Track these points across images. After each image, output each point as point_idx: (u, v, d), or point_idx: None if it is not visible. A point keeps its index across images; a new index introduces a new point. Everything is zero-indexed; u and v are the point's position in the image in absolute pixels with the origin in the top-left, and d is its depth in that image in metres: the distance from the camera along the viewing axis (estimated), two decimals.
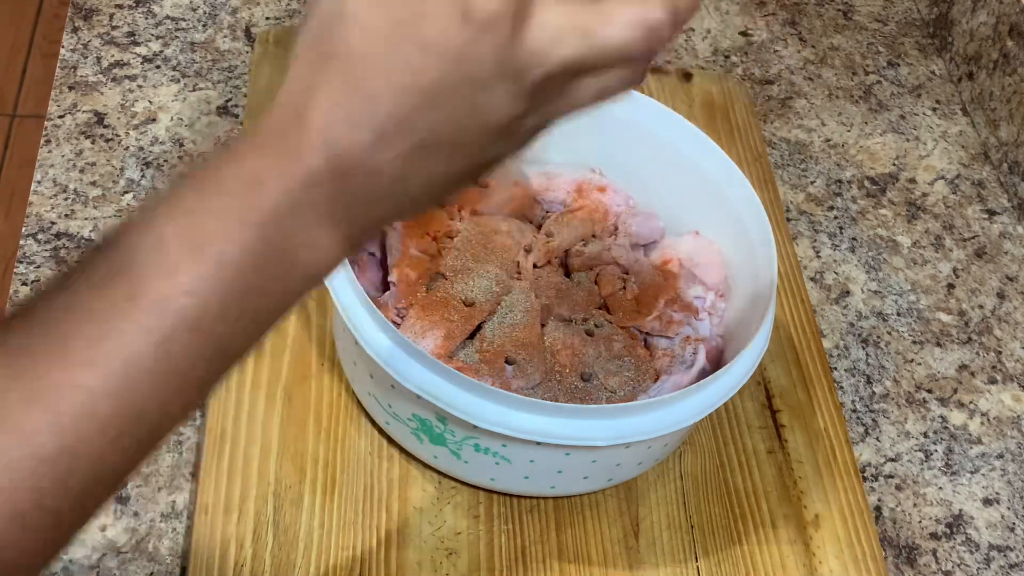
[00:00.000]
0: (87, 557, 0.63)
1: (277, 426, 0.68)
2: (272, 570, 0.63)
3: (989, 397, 0.81)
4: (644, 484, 0.70)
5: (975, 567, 0.72)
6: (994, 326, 0.85)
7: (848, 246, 0.88)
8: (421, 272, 0.69)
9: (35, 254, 0.75)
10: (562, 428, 0.59)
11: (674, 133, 0.74)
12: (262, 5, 0.94)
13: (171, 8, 0.92)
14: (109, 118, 0.83)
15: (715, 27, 1.03)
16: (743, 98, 0.94)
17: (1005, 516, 0.75)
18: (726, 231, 0.73)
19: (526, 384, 0.65)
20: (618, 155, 0.77)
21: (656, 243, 0.76)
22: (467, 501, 0.68)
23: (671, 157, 0.75)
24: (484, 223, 0.72)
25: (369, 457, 0.68)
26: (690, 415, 0.61)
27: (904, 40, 1.06)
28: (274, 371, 0.71)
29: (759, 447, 0.73)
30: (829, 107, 0.98)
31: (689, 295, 0.72)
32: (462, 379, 0.59)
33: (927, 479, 0.76)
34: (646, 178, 0.77)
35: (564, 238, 0.73)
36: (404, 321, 0.67)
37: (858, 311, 0.84)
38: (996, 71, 0.97)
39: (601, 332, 0.68)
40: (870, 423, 0.78)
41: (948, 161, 0.97)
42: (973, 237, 0.91)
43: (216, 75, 0.88)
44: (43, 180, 0.79)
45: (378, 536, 0.65)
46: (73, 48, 0.88)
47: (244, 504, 0.65)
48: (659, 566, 0.67)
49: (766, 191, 0.88)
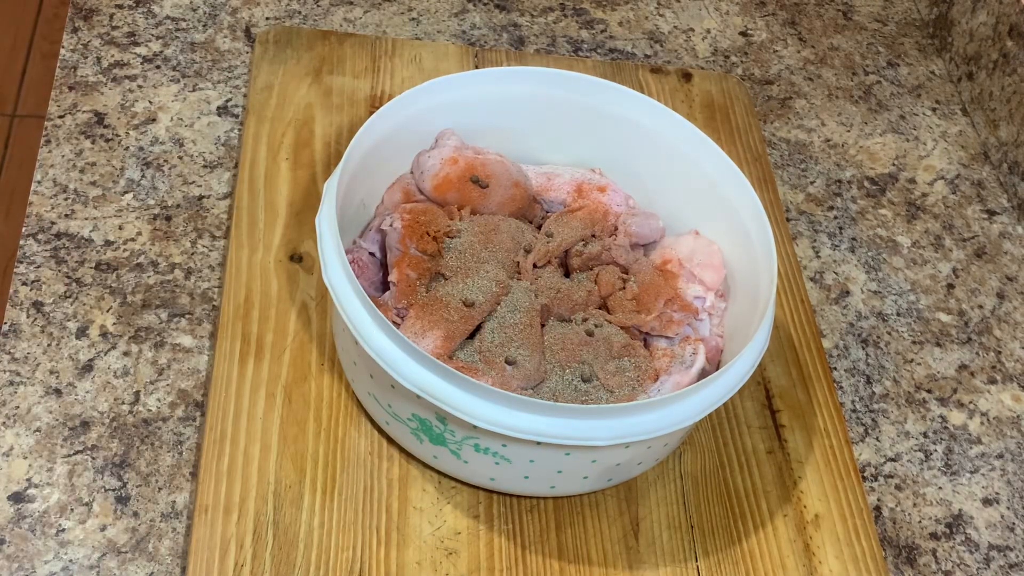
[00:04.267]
0: (87, 557, 0.63)
1: (277, 426, 0.68)
2: (272, 570, 0.63)
3: (989, 397, 0.81)
4: (644, 484, 0.70)
5: (975, 567, 0.72)
6: (994, 326, 0.85)
7: (848, 246, 0.88)
8: (421, 272, 0.69)
9: (35, 254, 0.75)
10: (562, 428, 0.59)
11: (674, 133, 0.74)
12: (262, 5, 0.94)
13: (171, 8, 0.92)
14: (109, 118, 0.83)
15: (715, 27, 1.03)
16: (743, 98, 0.94)
17: (1005, 516, 0.75)
18: (726, 231, 0.73)
19: (526, 384, 0.65)
20: (618, 155, 0.77)
21: (656, 243, 0.76)
22: (467, 501, 0.68)
23: (671, 157, 0.75)
24: (484, 223, 0.72)
25: (369, 457, 0.68)
26: (690, 415, 0.61)
27: (904, 40, 1.06)
28: (274, 371, 0.71)
29: (759, 447, 0.73)
30: (829, 107, 0.98)
31: (689, 295, 0.72)
32: (462, 379, 0.59)
33: (927, 479, 0.76)
34: (646, 178, 0.77)
35: (564, 238, 0.73)
36: (404, 321, 0.67)
37: (858, 311, 0.84)
38: (996, 71, 0.97)
39: (601, 332, 0.68)
40: (870, 423, 0.78)
41: (948, 161, 0.97)
42: (973, 237, 0.91)
43: (216, 75, 0.88)
44: (43, 180, 0.79)
45: (378, 536, 0.65)
46: (73, 48, 0.88)
47: (244, 504, 0.65)
48: (659, 566, 0.67)
49: (766, 191, 0.88)
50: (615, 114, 0.76)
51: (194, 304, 0.74)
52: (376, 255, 0.72)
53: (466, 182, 0.73)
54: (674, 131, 0.74)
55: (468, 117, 0.76)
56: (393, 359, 0.60)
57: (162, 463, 0.67)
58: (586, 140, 0.78)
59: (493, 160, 0.75)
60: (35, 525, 0.63)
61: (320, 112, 0.85)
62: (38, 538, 0.63)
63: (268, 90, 0.86)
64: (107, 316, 0.73)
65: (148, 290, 0.74)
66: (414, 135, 0.75)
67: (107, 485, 0.66)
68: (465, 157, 0.74)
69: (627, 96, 0.75)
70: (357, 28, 0.94)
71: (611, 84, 0.75)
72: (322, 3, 0.96)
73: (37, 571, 0.62)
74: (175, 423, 0.69)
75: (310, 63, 0.88)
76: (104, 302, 0.73)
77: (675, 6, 1.04)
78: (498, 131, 0.77)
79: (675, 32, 1.01)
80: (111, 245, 0.76)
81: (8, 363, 0.70)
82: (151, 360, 0.71)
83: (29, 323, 0.71)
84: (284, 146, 0.82)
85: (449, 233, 0.71)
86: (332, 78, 0.88)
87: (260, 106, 0.84)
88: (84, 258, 0.75)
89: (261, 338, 0.72)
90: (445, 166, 0.73)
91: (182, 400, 0.70)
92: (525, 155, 0.78)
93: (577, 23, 1.00)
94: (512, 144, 0.78)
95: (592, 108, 0.76)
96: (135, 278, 0.75)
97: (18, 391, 0.68)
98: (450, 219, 0.72)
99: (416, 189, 0.74)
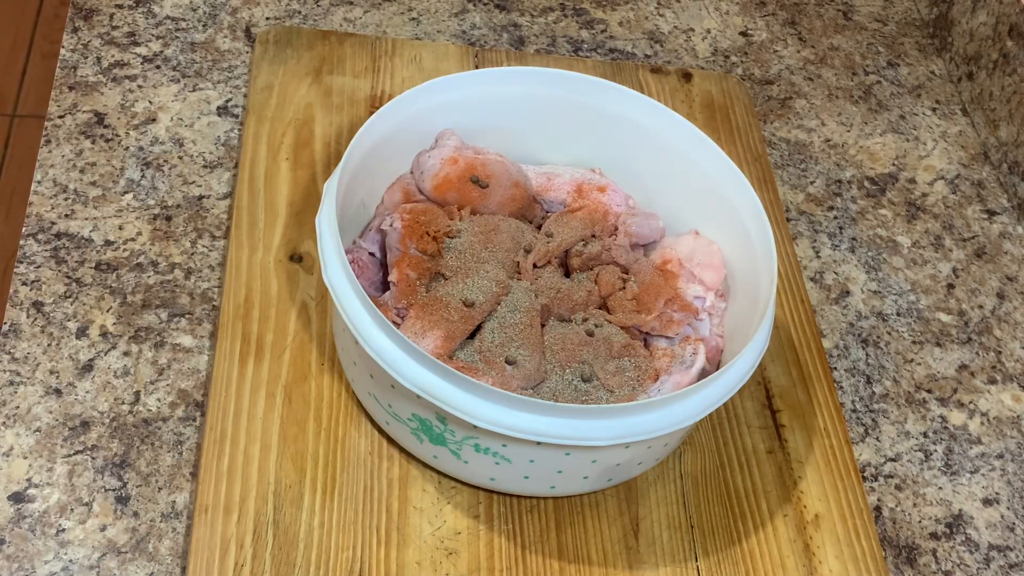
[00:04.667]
0: (87, 557, 0.63)
1: (277, 426, 0.68)
2: (272, 570, 0.63)
3: (989, 397, 0.81)
4: (644, 484, 0.70)
5: (975, 567, 0.72)
6: (994, 326, 0.85)
7: (848, 246, 0.88)
8: (421, 272, 0.69)
9: (35, 254, 0.75)
10: (562, 428, 0.59)
11: (674, 133, 0.75)
12: (262, 5, 0.94)
13: (171, 8, 0.92)
14: (109, 118, 0.83)
15: (715, 27, 1.03)
16: (743, 98, 0.94)
17: (1005, 516, 0.75)
18: (726, 231, 0.73)
19: (526, 384, 0.65)
20: (618, 155, 0.77)
21: (656, 243, 0.76)
22: (467, 501, 0.68)
23: (671, 157, 0.75)
24: (484, 223, 0.72)
25: (369, 457, 0.68)
26: (690, 415, 0.61)
27: (904, 40, 1.06)
28: (274, 371, 0.71)
29: (759, 447, 0.73)
30: (829, 107, 0.98)
31: (689, 295, 0.72)
32: (462, 379, 0.59)
33: (927, 479, 0.76)
34: (646, 178, 0.77)
35: (564, 238, 0.73)
36: (404, 321, 0.67)
37: (858, 311, 0.84)
38: (996, 71, 0.97)
39: (601, 332, 0.68)
40: (870, 423, 0.78)
41: (948, 161, 0.97)
42: (973, 237, 0.91)
43: (216, 75, 0.88)
44: (43, 180, 0.79)
45: (378, 536, 0.65)
46: (73, 48, 0.88)
47: (244, 504, 0.65)
48: (659, 566, 0.67)
49: (766, 191, 0.88)
50: (615, 114, 0.76)
51: (194, 304, 0.74)
52: (376, 255, 0.72)
53: (466, 182, 0.73)
54: (674, 131, 0.74)
55: (468, 117, 0.76)
56: (393, 359, 0.60)
57: (162, 463, 0.67)
58: (586, 140, 0.78)
59: (493, 160, 0.75)
60: (35, 525, 0.63)
61: (320, 112, 0.85)
62: (38, 538, 0.63)
63: (268, 90, 0.86)
64: (107, 316, 0.73)
65: (148, 290, 0.74)
66: (414, 135, 0.75)
67: (107, 485, 0.66)
68: (465, 157, 0.74)
69: (627, 96, 0.75)
70: (357, 28, 0.94)
71: (611, 84, 0.75)
72: (322, 3, 0.96)
73: (37, 571, 0.62)
74: (175, 423, 0.69)
75: (310, 63, 0.88)
76: (104, 302, 0.73)
77: (675, 6, 1.04)
78: (498, 131, 0.77)
79: (675, 32, 1.01)
80: (111, 245, 0.76)
81: (8, 363, 0.70)
82: (151, 360, 0.71)
83: (29, 323, 0.71)
84: (284, 146, 0.82)
85: (449, 233, 0.71)
86: (332, 78, 0.88)
87: (260, 106, 0.84)
88: (84, 258, 0.75)
89: (261, 338, 0.72)
90: (445, 166, 0.73)
91: (182, 400, 0.70)
92: (525, 155, 0.78)
93: (577, 23, 1.00)
94: (512, 144, 0.78)
95: (592, 108, 0.76)
96: (135, 278, 0.75)
97: (18, 391, 0.68)
98: (450, 219, 0.72)
99: (416, 189, 0.74)
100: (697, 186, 0.74)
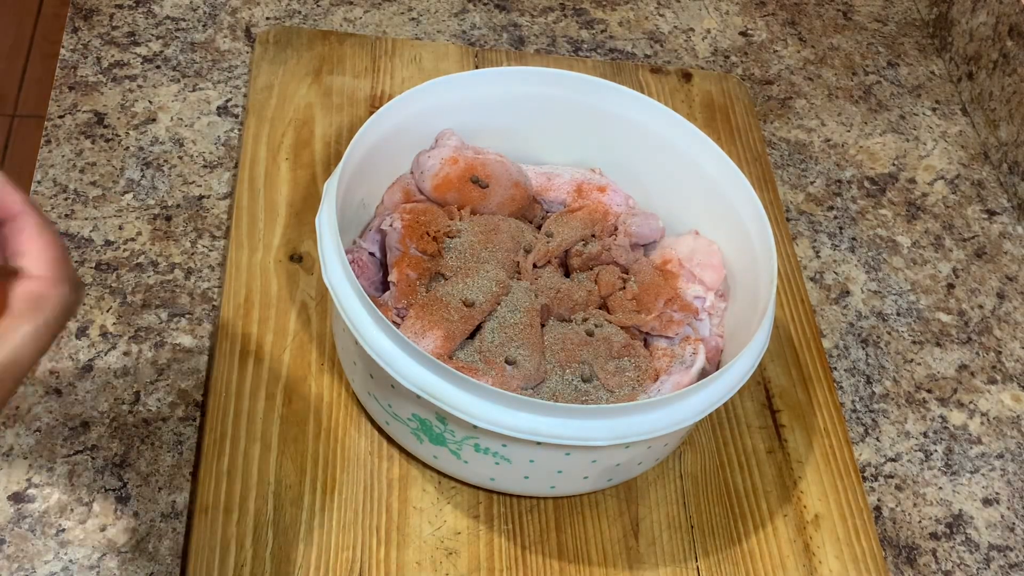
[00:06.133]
0: (87, 557, 0.63)
1: (277, 426, 0.68)
2: (272, 570, 0.63)
3: (989, 397, 0.81)
4: (644, 484, 0.70)
5: (975, 567, 0.72)
6: (994, 326, 0.85)
7: (848, 246, 0.88)
8: (421, 272, 0.69)
9: None
10: (562, 428, 0.59)
11: (674, 133, 0.74)
12: (262, 5, 0.94)
13: (171, 8, 0.92)
14: (109, 118, 0.83)
15: (715, 27, 1.03)
16: (743, 98, 0.94)
17: (1005, 516, 0.75)
18: (726, 231, 0.73)
19: (526, 384, 0.65)
20: (618, 155, 0.77)
21: (656, 243, 0.76)
22: (467, 501, 0.68)
23: (671, 157, 0.75)
24: (484, 223, 0.72)
25: (369, 457, 0.68)
26: (690, 415, 0.61)
27: (904, 40, 1.06)
28: (274, 371, 0.71)
29: (759, 447, 0.73)
30: (829, 107, 0.98)
31: (689, 295, 0.72)
32: (462, 379, 0.59)
33: (927, 479, 0.76)
34: (646, 178, 0.77)
35: (564, 238, 0.73)
36: (404, 321, 0.67)
37: (858, 311, 0.84)
38: (996, 71, 0.97)
39: (601, 332, 0.68)
40: (870, 423, 0.78)
41: (948, 161, 0.97)
42: (973, 237, 0.91)
43: (216, 75, 0.88)
44: (43, 180, 0.79)
45: (378, 536, 0.65)
46: (73, 48, 0.88)
47: (244, 504, 0.65)
48: (659, 566, 0.67)
49: (766, 191, 0.88)
50: (615, 114, 0.76)
51: (194, 304, 0.74)
52: (376, 255, 0.72)
53: (466, 182, 0.73)
54: (674, 131, 0.74)
55: (468, 117, 0.76)
56: (393, 359, 0.60)
57: (162, 463, 0.67)
58: (586, 140, 0.78)
59: (493, 160, 0.75)
60: (35, 525, 0.63)
61: (320, 112, 0.85)
62: (38, 538, 0.63)
63: (268, 90, 0.85)
64: (107, 316, 0.73)
65: (148, 290, 0.74)
66: (414, 135, 0.75)
67: (107, 485, 0.66)
68: (465, 157, 0.74)
69: (627, 96, 0.75)
70: (357, 28, 0.94)
71: (611, 84, 0.75)
72: (322, 3, 0.96)
73: (37, 571, 0.62)
74: (175, 423, 0.69)
75: (310, 63, 0.88)
76: (104, 302, 0.73)
77: (675, 6, 1.04)
78: (498, 131, 0.77)
79: (675, 32, 1.01)
80: (111, 245, 0.76)
81: None
82: (151, 360, 0.71)
83: None
84: (284, 146, 0.82)
85: (449, 233, 0.71)
86: (332, 78, 0.88)
87: (260, 106, 0.84)
88: (84, 258, 0.75)
89: (261, 338, 0.72)
90: (445, 166, 0.73)
91: (182, 400, 0.70)
92: (525, 155, 0.78)
93: (577, 23, 1.00)
94: (512, 144, 0.78)
95: (592, 108, 0.76)
96: (135, 278, 0.75)
97: (18, 391, 0.68)
98: (450, 219, 0.72)
99: (416, 189, 0.74)
100: (697, 186, 0.74)
